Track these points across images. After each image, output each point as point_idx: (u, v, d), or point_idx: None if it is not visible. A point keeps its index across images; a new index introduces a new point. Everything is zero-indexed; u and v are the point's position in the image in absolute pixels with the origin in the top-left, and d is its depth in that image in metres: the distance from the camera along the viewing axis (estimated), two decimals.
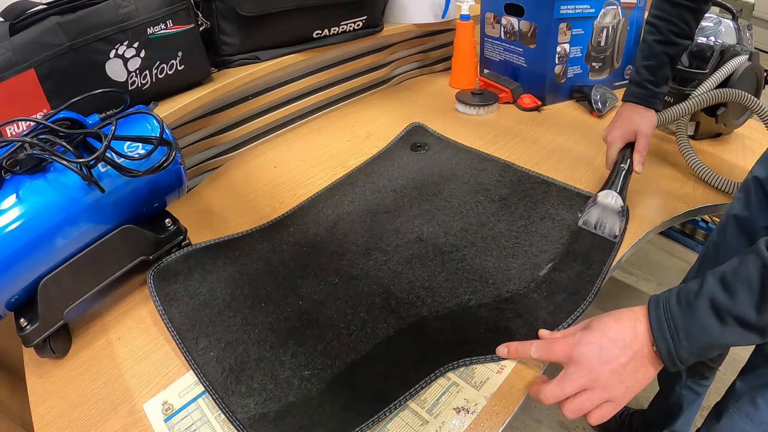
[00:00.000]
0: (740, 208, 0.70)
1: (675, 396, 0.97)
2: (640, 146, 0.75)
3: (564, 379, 0.48)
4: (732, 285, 0.43)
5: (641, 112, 0.77)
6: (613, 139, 0.77)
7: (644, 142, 0.75)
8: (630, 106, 0.79)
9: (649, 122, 0.76)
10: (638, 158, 0.74)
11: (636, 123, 0.76)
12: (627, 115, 0.78)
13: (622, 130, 0.77)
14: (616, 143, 0.77)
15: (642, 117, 0.77)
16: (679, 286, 0.48)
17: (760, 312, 0.41)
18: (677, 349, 0.45)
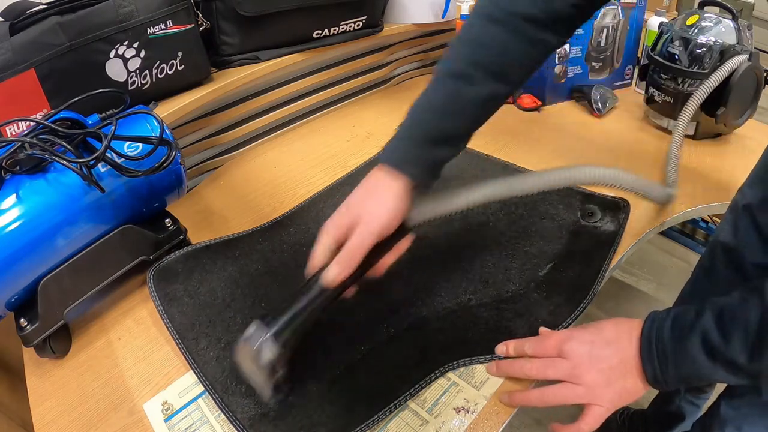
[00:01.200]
0: (728, 235, 0.67)
1: (674, 407, 0.97)
2: (348, 247, 0.47)
3: (548, 363, 0.48)
4: (728, 326, 0.41)
5: (380, 185, 0.49)
6: (322, 231, 0.50)
7: (357, 241, 0.47)
8: (376, 169, 0.51)
9: (381, 206, 0.48)
10: (333, 265, 0.47)
11: (361, 204, 0.49)
12: (361, 187, 0.51)
13: (342, 215, 0.50)
14: (326, 238, 0.49)
15: (375, 193, 0.49)
16: (676, 309, 0.46)
17: (751, 359, 0.39)
18: (663, 375, 0.44)
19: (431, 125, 0.50)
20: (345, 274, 0.47)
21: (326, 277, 0.47)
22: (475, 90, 0.49)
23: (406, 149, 0.50)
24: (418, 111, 0.51)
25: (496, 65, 0.49)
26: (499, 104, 0.53)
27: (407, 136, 0.50)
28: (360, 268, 0.48)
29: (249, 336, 0.45)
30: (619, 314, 1.43)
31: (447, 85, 0.50)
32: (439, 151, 0.50)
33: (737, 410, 0.73)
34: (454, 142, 0.52)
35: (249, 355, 0.45)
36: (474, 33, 0.49)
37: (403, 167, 0.49)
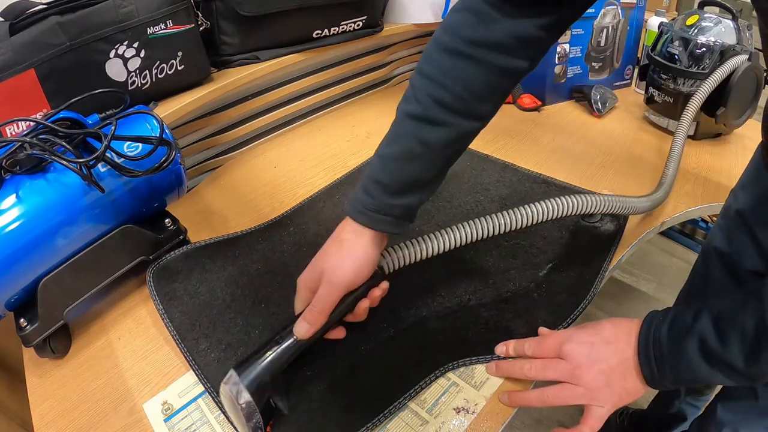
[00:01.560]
0: (722, 241, 0.66)
1: (674, 408, 0.97)
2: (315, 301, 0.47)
3: (547, 364, 0.48)
4: (725, 330, 0.40)
5: (347, 237, 0.48)
6: (299, 283, 0.51)
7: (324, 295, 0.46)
8: (344, 223, 0.50)
9: (346, 260, 0.47)
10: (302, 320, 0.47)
11: (326, 258, 0.48)
12: (328, 242, 0.50)
13: (311, 269, 0.49)
14: (300, 292, 0.50)
15: (341, 247, 0.48)
16: (674, 310, 0.45)
17: (749, 363, 0.39)
18: (660, 377, 0.44)
19: (396, 174, 0.47)
20: (315, 328, 0.47)
21: (298, 332, 0.47)
22: (441, 132, 0.46)
23: (371, 201, 0.47)
24: (382, 159, 0.48)
25: (461, 102, 0.45)
26: (471, 140, 0.50)
27: (371, 186, 0.47)
28: (333, 318, 0.48)
29: (227, 384, 0.46)
30: (619, 314, 1.43)
31: (409, 128, 0.46)
32: (407, 198, 0.48)
33: (734, 413, 0.73)
34: (423, 187, 0.49)
35: (229, 402, 0.46)
36: (434, 68, 0.45)
37: (370, 221, 0.47)
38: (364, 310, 0.51)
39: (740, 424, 0.72)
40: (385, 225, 0.47)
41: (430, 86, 0.45)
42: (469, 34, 0.44)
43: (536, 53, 0.47)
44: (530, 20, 0.43)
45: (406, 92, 0.48)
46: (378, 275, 0.51)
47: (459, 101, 0.45)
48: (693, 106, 0.81)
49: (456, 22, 0.45)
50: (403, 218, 0.49)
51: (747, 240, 0.61)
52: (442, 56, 0.45)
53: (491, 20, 0.43)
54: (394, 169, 0.47)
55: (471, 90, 0.45)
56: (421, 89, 0.46)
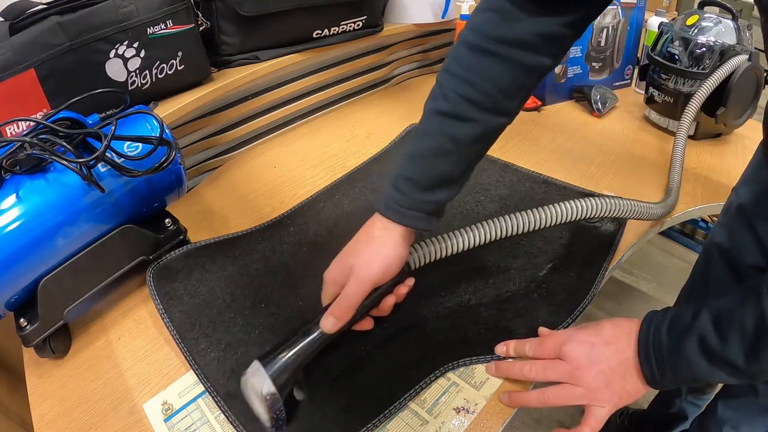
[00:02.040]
0: (723, 237, 0.66)
1: (675, 408, 0.97)
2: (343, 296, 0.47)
3: (547, 365, 0.48)
4: (725, 328, 0.40)
5: (376, 234, 0.49)
6: (326, 277, 0.51)
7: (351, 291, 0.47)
8: (373, 218, 0.50)
9: (375, 257, 0.48)
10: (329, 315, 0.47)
11: (355, 254, 0.49)
12: (359, 235, 0.51)
13: (339, 263, 0.50)
14: (328, 286, 0.50)
15: (370, 244, 0.49)
16: (674, 310, 0.46)
17: (749, 360, 0.39)
18: (661, 377, 0.44)
19: (427, 170, 0.48)
20: (342, 323, 0.47)
21: (325, 326, 0.47)
22: (469, 128, 0.47)
23: (402, 198, 0.48)
24: (412, 156, 0.49)
25: (489, 99, 0.46)
26: (497, 135, 0.51)
27: (401, 183, 0.48)
28: (359, 312, 0.49)
29: (251, 375, 0.46)
30: (619, 314, 1.43)
31: (438, 125, 0.47)
32: (437, 194, 0.49)
33: (735, 411, 0.73)
34: (452, 182, 0.50)
35: (251, 392, 0.47)
36: (461, 66, 0.46)
37: (401, 217, 0.48)
38: (389, 306, 0.52)
39: (741, 421, 0.72)
40: (416, 221, 0.48)
41: (458, 84, 0.46)
42: (494, 32, 0.45)
43: (559, 50, 0.48)
44: (553, 18, 0.44)
45: (433, 90, 0.49)
46: (404, 272, 0.51)
47: (486, 98, 0.46)
48: (693, 107, 0.81)
49: (481, 21, 0.46)
50: (432, 214, 0.49)
51: (748, 235, 0.62)
52: (469, 54, 0.46)
53: (515, 19, 0.44)
54: (425, 166, 0.47)
55: (498, 87, 0.46)
56: (449, 87, 0.46)
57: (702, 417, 0.82)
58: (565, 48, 0.49)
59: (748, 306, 0.40)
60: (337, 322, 0.47)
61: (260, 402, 0.46)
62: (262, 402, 0.45)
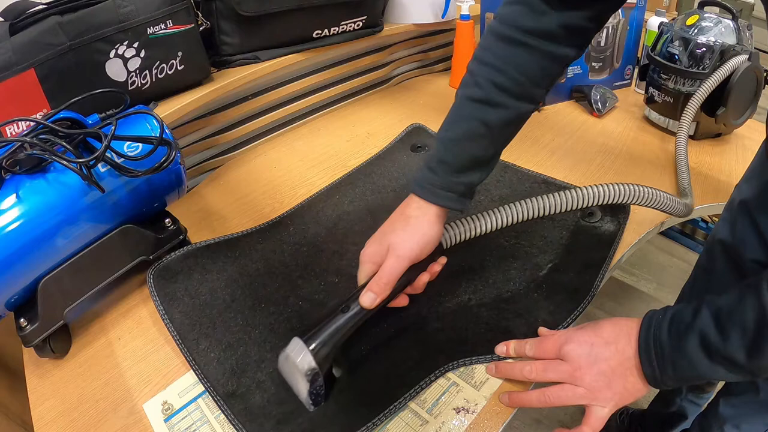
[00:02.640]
0: (725, 232, 0.67)
1: (675, 407, 0.97)
2: (381, 273, 0.49)
3: (547, 366, 0.48)
4: (726, 325, 0.40)
5: (413, 214, 0.51)
6: (362, 257, 0.52)
7: (389, 268, 0.49)
8: (408, 199, 0.53)
9: (412, 234, 0.50)
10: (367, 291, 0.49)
11: (393, 233, 0.51)
12: (395, 215, 0.53)
13: (376, 243, 0.52)
14: (364, 265, 0.52)
15: (407, 223, 0.51)
16: (674, 308, 0.46)
17: (750, 357, 0.39)
18: (662, 376, 0.44)
19: (460, 153, 0.51)
20: (381, 298, 0.49)
21: (364, 302, 0.49)
22: (500, 113, 0.50)
23: (437, 179, 0.51)
24: (446, 139, 0.51)
25: (518, 86, 0.49)
26: (525, 120, 0.53)
27: (436, 165, 0.51)
28: (396, 290, 0.51)
29: (291, 350, 0.48)
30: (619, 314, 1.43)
31: (471, 111, 0.50)
32: (469, 176, 0.51)
33: (736, 408, 0.73)
34: (483, 165, 0.52)
35: (291, 369, 0.48)
36: (492, 56, 0.50)
37: (436, 198, 0.51)
38: (423, 284, 0.53)
39: (742, 419, 0.73)
40: (450, 201, 0.51)
41: (490, 72, 0.49)
42: (522, 23, 0.48)
43: (582, 41, 0.51)
44: (575, 12, 0.48)
45: (464, 79, 0.52)
46: (438, 250, 0.53)
47: (516, 85, 0.49)
48: (693, 107, 0.81)
49: (509, 13, 0.50)
50: (464, 195, 0.52)
51: (749, 229, 0.62)
52: (499, 44, 0.49)
53: (541, 11, 0.47)
54: (458, 149, 0.50)
55: (526, 74, 0.49)
56: (481, 75, 0.50)
57: (703, 415, 0.82)
58: (588, 39, 0.52)
59: (748, 302, 0.40)
60: (376, 297, 0.49)
61: (301, 378, 0.47)
62: (302, 378, 0.46)
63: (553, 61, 0.50)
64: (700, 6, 0.91)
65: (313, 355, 0.46)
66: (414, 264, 0.51)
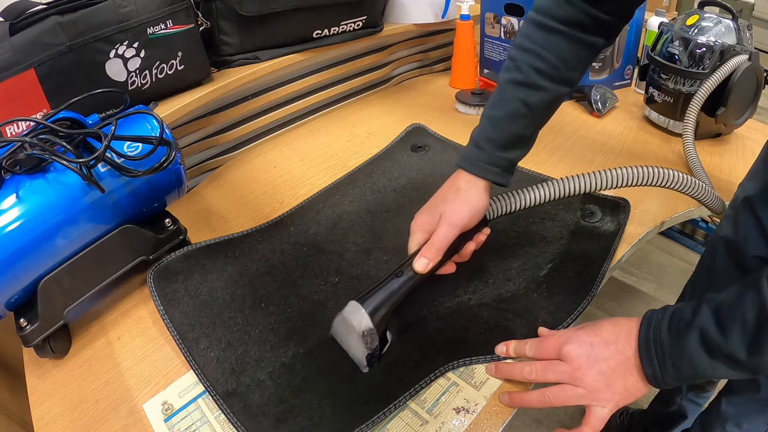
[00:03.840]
0: (728, 229, 0.67)
1: (675, 406, 0.97)
2: (433, 239, 0.53)
3: (547, 366, 0.48)
4: (726, 321, 0.40)
5: (462, 186, 0.55)
6: (413, 226, 0.57)
7: (441, 234, 0.53)
8: (456, 173, 0.57)
9: (463, 204, 0.54)
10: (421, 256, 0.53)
11: (445, 203, 0.55)
12: (444, 188, 0.57)
13: (427, 212, 0.56)
14: (416, 234, 0.56)
15: (458, 194, 0.55)
16: (673, 307, 0.46)
17: (751, 353, 0.39)
18: (662, 374, 0.44)
19: (504, 131, 0.55)
20: (433, 263, 0.53)
21: (417, 266, 0.53)
22: (540, 95, 0.54)
23: (484, 155, 0.55)
24: (491, 118, 0.56)
25: (555, 70, 0.54)
26: (561, 102, 0.58)
27: (483, 142, 0.55)
28: (445, 257, 0.54)
29: (347, 313, 0.51)
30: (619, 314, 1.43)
31: (514, 93, 0.54)
32: (512, 152, 0.56)
33: (737, 407, 0.73)
34: (524, 142, 0.57)
35: (347, 331, 0.51)
36: (532, 43, 0.54)
37: (482, 172, 0.55)
38: (469, 252, 0.58)
39: (743, 418, 0.72)
40: (495, 175, 0.55)
41: (529, 57, 0.54)
42: (555, 13, 0.53)
43: (610, 32, 0.55)
44: (599, 5, 0.52)
45: (506, 64, 0.56)
46: (483, 221, 0.57)
47: (554, 69, 0.53)
48: (695, 108, 0.81)
49: (544, 3, 0.54)
50: (507, 171, 0.57)
51: (752, 225, 0.62)
52: (537, 32, 0.54)
53: (569, 2, 0.52)
54: (502, 127, 0.55)
55: (562, 59, 0.53)
56: (522, 60, 0.54)
57: (705, 414, 0.82)
58: (615, 29, 0.56)
59: (748, 298, 0.40)
60: (429, 263, 0.52)
61: (357, 339, 0.50)
62: (359, 339, 0.49)
63: (585, 47, 0.54)
64: (700, 6, 0.91)
65: (369, 316, 0.49)
66: (462, 233, 0.54)
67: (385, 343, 0.53)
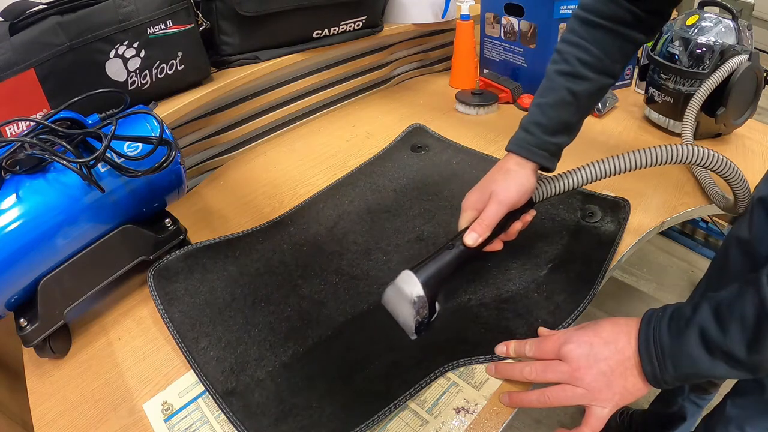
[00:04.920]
0: (743, 229, 0.67)
1: (677, 407, 0.97)
2: (483, 215, 0.56)
3: (547, 366, 0.48)
4: (725, 319, 0.40)
5: (512, 168, 0.58)
6: (464, 204, 0.60)
7: (492, 211, 0.55)
8: (506, 157, 0.61)
9: (512, 183, 0.57)
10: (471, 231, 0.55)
11: (495, 182, 0.58)
12: (494, 170, 0.60)
13: (478, 192, 0.59)
14: (466, 212, 0.59)
15: (508, 175, 0.58)
16: (674, 305, 0.46)
17: (750, 351, 0.39)
18: (662, 374, 0.44)
19: (552, 117, 0.58)
20: (483, 238, 0.55)
21: (468, 240, 0.55)
22: (585, 84, 0.58)
23: (533, 139, 0.59)
24: (540, 105, 0.59)
25: (600, 62, 0.57)
26: (605, 92, 0.61)
27: (532, 127, 0.59)
28: (494, 233, 0.57)
29: (400, 281, 0.53)
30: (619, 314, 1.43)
31: (561, 83, 0.58)
32: (559, 138, 0.59)
33: (742, 409, 0.73)
34: (571, 129, 0.60)
35: (399, 299, 0.54)
36: (578, 37, 0.58)
37: (532, 155, 0.58)
38: (516, 231, 0.60)
39: (746, 421, 0.72)
40: (543, 159, 0.58)
41: (576, 50, 0.57)
42: (600, 10, 0.57)
43: (651, 28, 0.59)
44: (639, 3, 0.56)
45: (553, 57, 0.60)
46: (529, 203, 0.60)
47: (598, 61, 0.57)
48: (693, 108, 0.81)
49: (590, 2, 0.58)
50: (554, 155, 0.60)
51: (766, 225, 0.62)
52: (583, 28, 0.58)
53: (613, 2, 0.56)
54: (550, 113, 0.58)
55: (605, 52, 0.57)
56: (569, 53, 0.58)
57: (710, 416, 0.82)
58: (655, 27, 0.60)
59: (747, 295, 0.40)
60: (479, 237, 0.55)
61: (408, 306, 0.52)
62: (409, 306, 0.52)
63: (626, 42, 0.58)
64: (700, 6, 0.91)
65: (422, 284, 0.52)
66: (510, 212, 0.57)
67: (433, 313, 0.55)
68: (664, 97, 0.90)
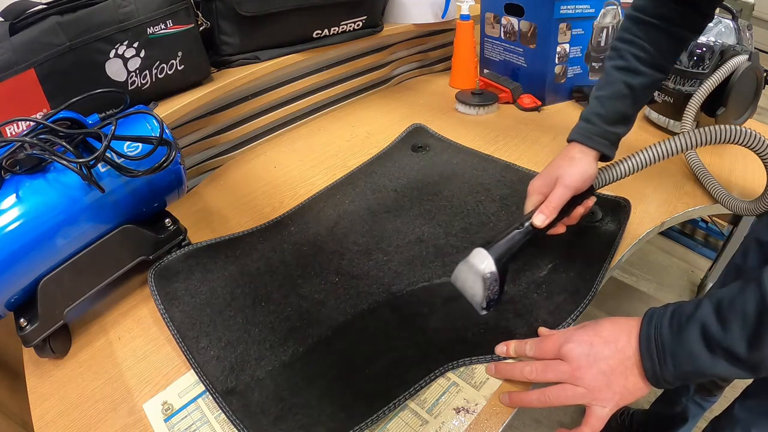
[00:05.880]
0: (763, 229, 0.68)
1: (680, 407, 0.96)
2: (550, 198, 0.58)
3: (547, 366, 0.48)
4: (726, 315, 0.40)
5: (576, 156, 0.61)
6: (530, 189, 0.62)
7: (558, 194, 0.58)
8: (569, 146, 0.64)
9: (577, 169, 0.60)
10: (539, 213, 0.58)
11: (560, 168, 0.60)
12: (558, 159, 0.63)
13: (544, 177, 0.62)
14: (533, 196, 0.62)
15: (572, 162, 0.61)
16: (676, 303, 0.46)
17: (751, 348, 0.39)
18: (662, 371, 0.43)
19: (611, 108, 0.62)
20: (550, 219, 0.58)
21: (536, 221, 0.58)
22: (640, 78, 0.61)
23: (594, 128, 0.62)
24: (599, 98, 0.63)
25: (653, 58, 0.61)
26: (657, 87, 0.68)
27: (593, 117, 0.63)
28: (558, 216, 0.59)
29: (473, 258, 0.56)
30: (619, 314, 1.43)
31: (618, 77, 0.62)
32: (617, 128, 0.63)
33: (749, 412, 0.73)
34: (628, 120, 0.64)
35: (471, 276, 0.56)
36: (632, 35, 0.62)
37: (594, 143, 0.62)
38: (578, 215, 0.63)
39: (753, 423, 0.72)
40: (604, 147, 0.62)
41: (631, 47, 0.62)
42: (652, 10, 0.61)
43: (698, 27, 0.63)
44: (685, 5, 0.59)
45: (609, 53, 0.64)
46: (590, 190, 0.63)
47: (651, 57, 0.61)
48: (693, 108, 0.81)
49: (642, 2, 0.62)
50: (613, 144, 0.63)
51: None
52: (637, 26, 0.62)
53: (663, 3, 0.60)
54: (609, 105, 0.62)
55: (658, 48, 0.61)
56: (624, 49, 0.62)
57: (718, 419, 0.82)
58: (700, 25, 0.63)
59: (748, 292, 0.40)
60: (546, 219, 0.58)
61: (479, 281, 0.55)
62: (481, 281, 0.55)
63: (675, 38, 0.61)
64: None
65: (494, 261, 0.55)
66: (573, 196, 0.60)
67: (503, 290, 0.57)
68: (664, 97, 0.90)
